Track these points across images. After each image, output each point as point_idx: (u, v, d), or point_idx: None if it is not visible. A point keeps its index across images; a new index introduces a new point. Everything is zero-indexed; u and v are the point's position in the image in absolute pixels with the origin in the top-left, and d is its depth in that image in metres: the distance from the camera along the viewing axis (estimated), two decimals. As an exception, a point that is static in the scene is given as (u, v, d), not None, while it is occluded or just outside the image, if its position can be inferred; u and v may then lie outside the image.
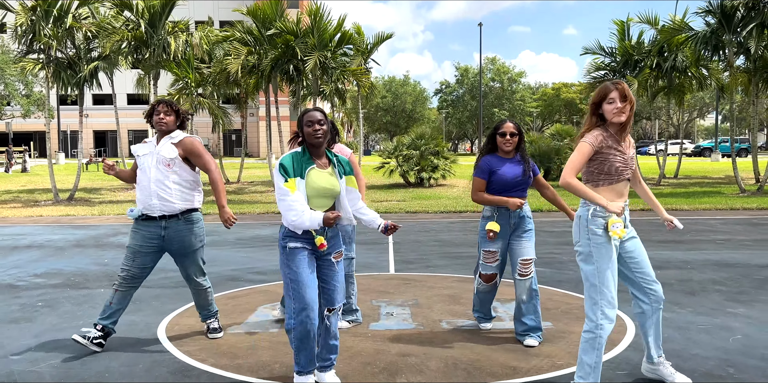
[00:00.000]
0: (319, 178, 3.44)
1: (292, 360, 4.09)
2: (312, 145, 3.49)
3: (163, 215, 4.33)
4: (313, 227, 3.36)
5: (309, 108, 3.55)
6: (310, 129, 3.45)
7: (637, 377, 3.73)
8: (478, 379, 3.74)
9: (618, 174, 3.39)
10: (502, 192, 4.39)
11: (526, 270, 4.40)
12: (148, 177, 4.33)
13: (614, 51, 20.99)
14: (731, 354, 4.12)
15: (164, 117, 4.36)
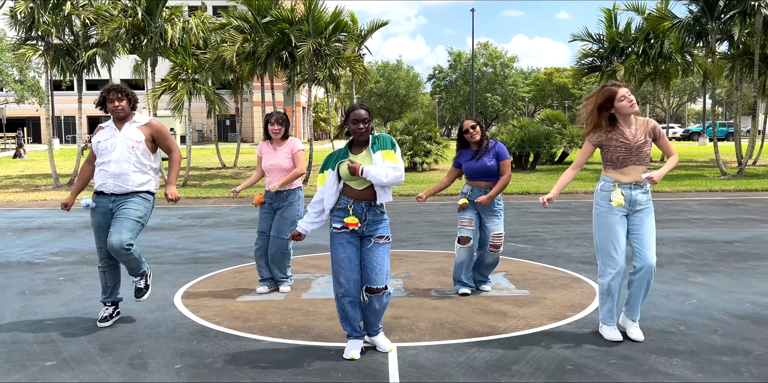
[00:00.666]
0: (346, 164, 3.84)
1: (297, 322, 4.64)
2: (355, 140, 3.94)
3: (113, 193, 4.51)
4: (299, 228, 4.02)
5: (356, 105, 3.89)
6: (355, 126, 3.85)
7: (600, 334, 4.28)
8: (461, 336, 4.29)
9: (620, 162, 4.08)
10: (475, 178, 5.36)
11: (498, 241, 5.33)
12: (110, 159, 4.47)
13: (602, 38, 21.46)
14: (684, 315, 4.68)
15: (118, 104, 4.48)
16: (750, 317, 4.65)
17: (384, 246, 3.93)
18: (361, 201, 3.89)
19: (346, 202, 3.91)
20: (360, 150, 3.95)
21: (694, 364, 3.74)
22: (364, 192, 3.89)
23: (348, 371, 3.71)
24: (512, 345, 4.12)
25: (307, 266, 6.69)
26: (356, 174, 3.78)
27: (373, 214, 3.91)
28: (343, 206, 3.91)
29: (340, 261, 3.87)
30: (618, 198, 4.02)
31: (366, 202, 3.89)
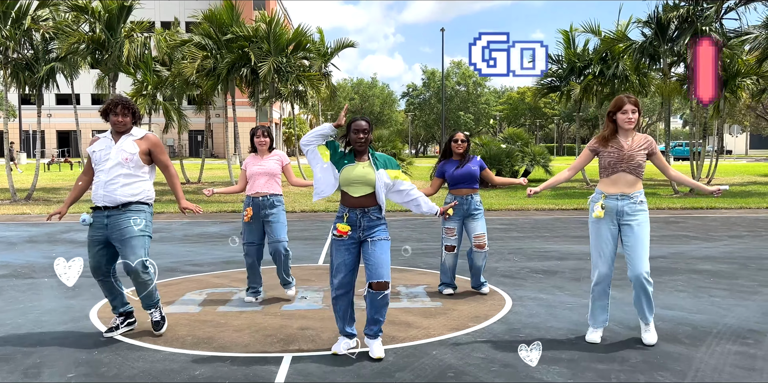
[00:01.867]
0: (352, 170, 4.09)
1: (204, 334, 4.73)
2: (356, 149, 4.15)
3: (105, 206, 4.54)
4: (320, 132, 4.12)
5: (357, 117, 4.12)
6: (356, 136, 4.08)
7: (498, 345, 4.45)
8: (359, 347, 4.42)
9: (611, 167, 4.34)
10: (457, 185, 5.82)
11: (481, 241, 5.82)
12: (104, 169, 4.51)
13: (561, 58, 21.95)
14: (579, 326, 4.87)
15: (122, 119, 4.54)
16: (637, 328, 4.84)
17: (383, 244, 4.15)
18: (356, 208, 4.14)
19: (342, 211, 4.18)
20: (361, 158, 4.18)
21: (569, 371, 3.91)
22: (359, 200, 4.13)
23: (236, 379, 3.82)
24: (404, 354, 4.26)
25: (235, 280, 6.78)
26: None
27: (368, 220, 4.14)
28: (340, 214, 4.18)
29: (337, 265, 4.15)
30: (597, 211, 4.35)
31: (360, 209, 4.13)
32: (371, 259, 4.11)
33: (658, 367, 3.98)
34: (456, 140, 5.91)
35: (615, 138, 4.37)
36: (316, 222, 12.39)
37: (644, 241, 4.35)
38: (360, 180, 4.10)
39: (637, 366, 4.00)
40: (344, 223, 4.09)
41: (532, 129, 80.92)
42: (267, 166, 5.70)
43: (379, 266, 4.09)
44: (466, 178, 5.79)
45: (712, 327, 4.83)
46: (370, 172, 4.11)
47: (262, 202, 5.64)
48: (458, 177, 5.80)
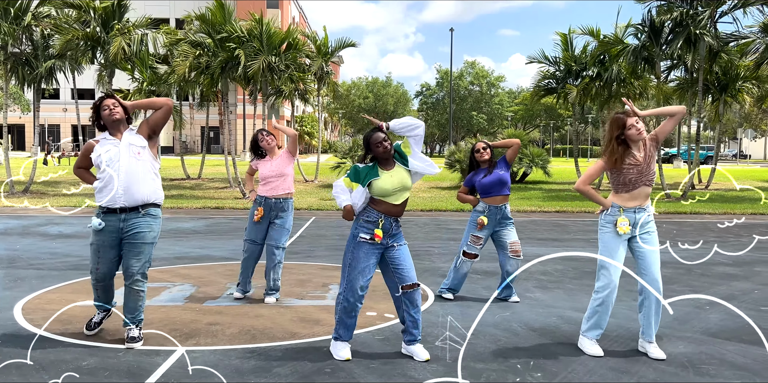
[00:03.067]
0: (385, 182, 4.14)
1: (115, 327, 4.87)
2: (381, 159, 4.22)
3: (123, 207, 4.42)
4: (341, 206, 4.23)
5: (370, 131, 4.23)
6: (378, 149, 4.16)
7: (393, 343, 4.54)
8: (258, 341, 4.54)
9: (632, 184, 4.29)
10: (489, 194, 5.67)
11: (517, 247, 5.75)
12: (117, 168, 4.37)
13: (558, 60, 21.86)
14: (485, 327, 4.93)
15: (114, 108, 4.40)
16: (543, 329, 4.91)
17: (405, 247, 4.32)
18: (390, 216, 4.22)
19: (377, 216, 4.21)
20: (389, 167, 4.22)
21: (445, 369, 3.99)
22: (398, 208, 4.23)
23: (118, 370, 3.95)
24: (296, 350, 4.37)
25: (176, 275, 6.93)
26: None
27: (396, 228, 4.27)
28: (374, 220, 4.20)
29: (360, 269, 4.19)
30: (625, 228, 4.31)
31: (394, 218, 4.25)
32: (399, 264, 4.26)
33: (535, 368, 4.04)
34: (477, 150, 5.77)
35: (629, 153, 4.30)
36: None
37: (658, 249, 4.41)
38: (398, 187, 4.19)
39: (511, 367, 4.07)
40: (380, 229, 4.19)
41: (547, 130, 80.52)
42: (279, 168, 5.77)
43: (409, 269, 4.27)
44: (496, 185, 5.65)
45: (614, 331, 4.88)
46: (405, 175, 4.22)
47: (274, 204, 5.74)
48: (488, 185, 5.65)
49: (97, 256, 4.46)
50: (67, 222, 11.73)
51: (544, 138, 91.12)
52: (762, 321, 5.18)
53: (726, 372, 4.00)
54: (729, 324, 5.10)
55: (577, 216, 13.70)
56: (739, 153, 69.58)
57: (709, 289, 6.45)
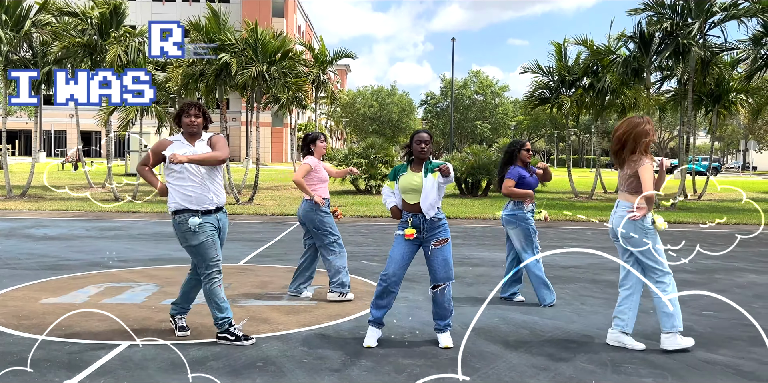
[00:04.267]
0: (404, 179, 4.58)
1: (70, 323, 5.06)
2: (418, 158, 4.58)
3: (217, 207, 4.64)
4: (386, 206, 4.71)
5: (419, 130, 4.61)
6: (418, 146, 4.54)
7: (332, 341, 4.71)
8: (203, 338, 4.72)
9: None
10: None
11: None
12: (200, 174, 4.55)
13: (552, 70, 22.04)
14: (425, 326, 5.09)
15: (195, 119, 4.60)
16: (481, 329, 5.06)
17: (443, 248, 4.59)
18: (417, 213, 4.55)
19: (406, 216, 4.61)
20: (418, 169, 4.60)
21: (373, 364, 4.16)
22: (414, 206, 4.57)
23: (59, 362, 4.14)
24: (234, 346, 4.54)
25: (146, 276, 7.12)
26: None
27: (430, 223, 4.56)
28: (404, 218, 4.62)
29: (394, 256, 4.59)
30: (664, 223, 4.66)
31: (422, 214, 4.55)
32: (433, 265, 4.57)
33: (459, 364, 4.20)
34: (528, 149, 6.00)
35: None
36: (269, 224, 12.71)
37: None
38: (411, 188, 4.55)
39: (440, 362, 4.23)
40: (410, 227, 4.54)
41: (552, 140, 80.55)
42: (326, 175, 6.16)
43: (442, 270, 4.56)
44: (535, 186, 6.00)
45: (549, 332, 5.03)
46: (419, 180, 4.54)
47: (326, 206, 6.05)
48: (534, 184, 5.95)
49: (217, 249, 4.61)
50: (54, 224, 11.97)
51: (550, 148, 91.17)
52: (699, 325, 5.31)
53: (642, 370, 4.15)
54: (665, 327, 5.23)
55: (561, 224, 13.83)
56: (744, 164, 69.43)
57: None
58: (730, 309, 5.91)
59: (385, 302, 4.62)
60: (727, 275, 7.77)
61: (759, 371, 4.17)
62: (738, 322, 5.42)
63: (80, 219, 12.88)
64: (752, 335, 5.01)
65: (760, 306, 6.10)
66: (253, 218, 13.89)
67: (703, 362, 4.34)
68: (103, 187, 21.48)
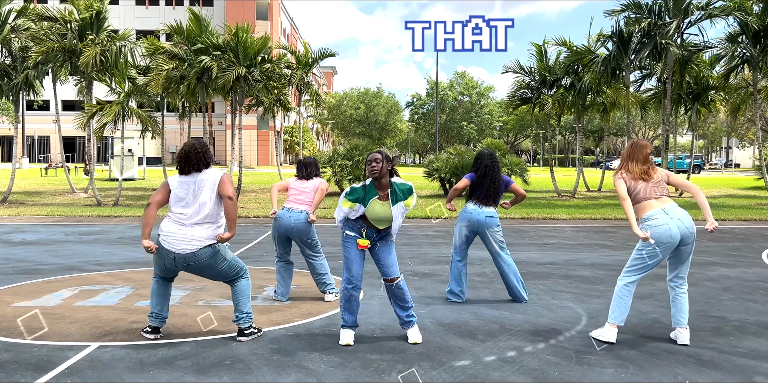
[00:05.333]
0: (378, 209, 4.58)
1: (38, 325, 5.07)
2: (373, 178, 4.60)
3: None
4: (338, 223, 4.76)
5: (374, 150, 4.76)
6: (369, 166, 4.57)
7: (302, 338, 4.74)
8: (174, 338, 4.73)
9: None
10: None
11: None
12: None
13: (533, 71, 22.18)
14: (392, 321, 5.14)
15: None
16: (451, 324, 5.13)
17: (389, 245, 4.72)
18: (373, 229, 4.67)
19: (360, 226, 4.66)
20: (382, 190, 4.61)
21: (341, 360, 4.20)
22: (380, 228, 4.68)
23: (27, 363, 4.15)
24: (204, 345, 4.57)
25: (120, 279, 7.12)
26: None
27: (380, 237, 4.72)
28: (356, 229, 4.66)
29: (351, 257, 4.64)
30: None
31: (377, 231, 4.69)
32: (381, 260, 4.70)
33: (425, 358, 4.26)
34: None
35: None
36: (251, 227, 12.71)
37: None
38: (386, 218, 4.62)
39: (407, 357, 4.28)
40: (364, 238, 4.62)
41: (538, 140, 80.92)
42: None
43: (390, 265, 4.70)
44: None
45: (517, 326, 5.09)
46: (388, 211, 4.60)
47: None
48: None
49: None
50: (34, 229, 11.92)
51: (536, 148, 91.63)
52: (666, 317, 5.39)
53: (606, 361, 4.22)
54: (633, 320, 5.32)
55: (540, 222, 13.93)
56: (727, 162, 70.15)
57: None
58: (697, 301, 6.02)
59: (355, 304, 4.67)
60: (699, 269, 7.88)
61: (717, 359, 4.26)
62: (703, 314, 5.52)
63: (60, 224, 12.83)
64: (715, 326, 5.11)
65: (727, 298, 6.21)
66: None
67: (665, 352, 4.42)
68: (86, 192, 21.36)
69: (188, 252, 4.47)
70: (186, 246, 4.46)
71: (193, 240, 4.47)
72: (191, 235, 4.47)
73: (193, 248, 4.47)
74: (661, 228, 4.53)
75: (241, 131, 21.12)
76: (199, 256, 4.50)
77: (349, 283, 4.63)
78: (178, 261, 4.53)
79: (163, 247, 4.52)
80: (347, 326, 4.68)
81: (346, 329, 4.68)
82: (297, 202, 6.01)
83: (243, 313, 4.68)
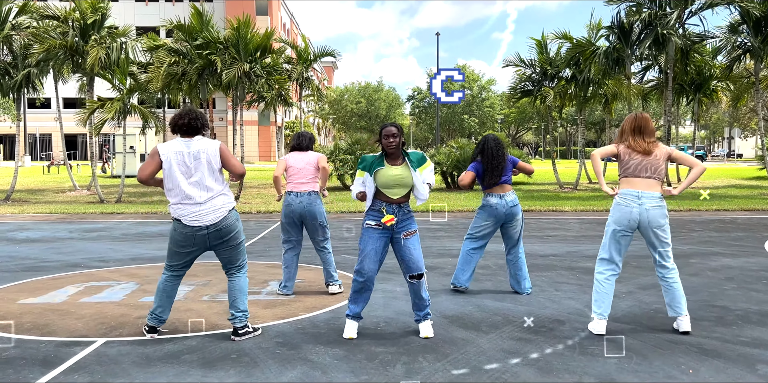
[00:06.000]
0: (385, 174, 4.53)
1: (44, 321, 5.10)
2: (388, 152, 4.57)
3: None
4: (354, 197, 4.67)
5: (387, 123, 4.59)
6: (386, 141, 4.53)
7: (308, 332, 4.76)
8: (179, 332, 4.76)
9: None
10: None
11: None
12: None
13: (534, 63, 22.12)
14: (399, 315, 5.16)
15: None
16: (454, 316, 5.15)
17: (414, 239, 4.66)
18: (392, 204, 4.59)
19: (379, 205, 4.60)
20: (396, 162, 4.60)
21: (345, 353, 4.23)
22: (396, 200, 4.60)
23: (35, 359, 4.18)
24: (210, 340, 4.60)
25: (125, 275, 7.15)
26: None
27: (402, 213, 4.62)
28: (377, 207, 4.60)
29: (367, 251, 4.58)
30: None
31: (397, 205, 4.61)
32: (406, 256, 4.61)
33: (429, 350, 4.28)
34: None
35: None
36: (254, 222, 12.75)
37: None
38: (398, 182, 4.55)
39: (412, 349, 4.30)
40: (387, 215, 4.55)
41: (539, 132, 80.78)
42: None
43: (416, 261, 4.62)
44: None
45: (521, 317, 5.11)
46: (407, 175, 4.56)
47: None
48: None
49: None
50: (37, 227, 11.96)
51: (538, 140, 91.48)
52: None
53: (609, 351, 4.24)
54: (635, 310, 5.34)
55: (543, 215, 13.94)
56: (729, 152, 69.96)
57: (635, 279, 6.67)
58: (700, 291, 6.04)
59: (363, 297, 4.69)
60: (702, 259, 7.89)
61: (720, 349, 4.28)
62: (705, 304, 5.54)
63: (63, 222, 12.87)
64: (718, 315, 5.12)
65: (730, 288, 6.22)
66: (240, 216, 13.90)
67: (668, 342, 4.44)
68: (88, 190, 21.41)
69: (219, 219, 4.49)
70: (213, 216, 4.48)
71: (218, 209, 4.50)
72: (213, 205, 4.49)
73: (221, 215, 4.50)
74: (624, 209, 4.59)
75: (243, 127, 21.13)
76: (229, 219, 4.55)
77: (360, 276, 4.62)
78: (211, 232, 4.49)
79: (189, 227, 4.49)
80: (351, 316, 4.69)
81: (350, 319, 4.69)
82: (300, 184, 5.95)
83: (240, 311, 4.61)
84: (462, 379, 3.76)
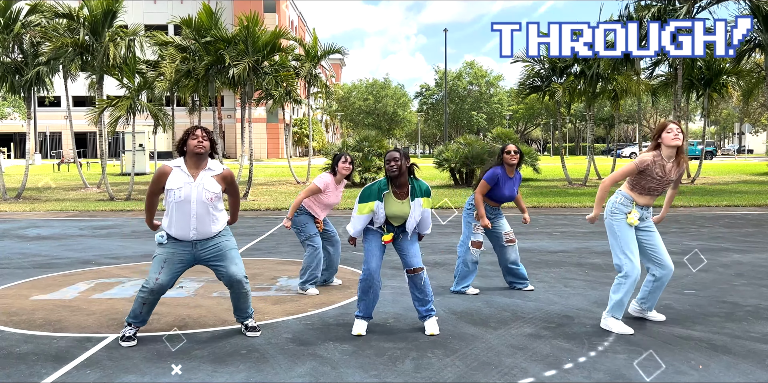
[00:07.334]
0: (391, 206, 4.62)
1: (57, 317, 5.15)
2: (392, 178, 4.61)
3: (194, 240, 4.47)
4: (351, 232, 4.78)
5: (392, 149, 4.72)
6: (388, 165, 4.57)
7: (317, 328, 4.78)
8: (190, 328, 4.80)
9: (648, 190, 4.62)
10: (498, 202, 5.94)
11: (512, 236, 6.00)
12: (188, 210, 4.37)
13: (542, 59, 22.03)
14: (408, 311, 5.18)
15: (203, 141, 4.37)
16: (463, 312, 5.16)
17: (412, 236, 4.76)
18: (392, 225, 4.73)
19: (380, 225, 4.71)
20: (402, 191, 4.65)
21: (355, 349, 4.25)
22: (398, 224, 4.73)
23: (47, 355, 4.22)
24: (220, 335, 4.63)
25: (136, 271, 7.20)
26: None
27: (400, 230, 4.75)
28: (378, 226, 4.71)
29: (370, 250, 4.69)
30: (635, 220, 4.62)
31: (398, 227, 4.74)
32: (405, 251, 4.72)
33: (438, 345, 4.30)
34: (508, 152, 5.79)
35: (660, 162, 4.56)
36: (262, 219, 12.79)
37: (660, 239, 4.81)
38: (402, 216, 4.66)
39: (420, 345, 4.32)
40: (387, 234, 4.68)
41: (548, 129, 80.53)
42: (336, 200, 6.21)
43: (413, 255, 4.71)
44: (506, 200, 5.91)
45: (529, 313, 5.11)
46: (405, 209, 4.64)
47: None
48: (504, 198, 5.87)
49: (164, 267, 4.40)
50: (48, 224, 12.05)
51: (546, 136, 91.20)
52: (678, 303, 5.40)
53: (618, 347, 4.24)
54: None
55: (552, 211, 13.91)
56: (740, 148, 69.48)
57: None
58: (710, 287, 6.02)
59: (373, 296, 4.69)
60: (712, 255, 7.86)
61: (730, 344, 4.27)
62: (716, 300, 5.52)
63: (74, 219, 12.96)
64: (728, 311, 5.11)
65: (740, 284, 6.19)
66: (247, 213, 13.97)
67: (678, 338, 4.43)
68: (98, 187, 21.54)
69: (212, 235, 4.47)
70: (205, 230, 4.43)
71: (210, 225, 4.46)
72: (204, 223, 4.42)
73: (214, 230, 4.47)
74: (628, 219, 4.60)
75: (251, 124, 21.18)
76: (222, 233, 4.54)
77: (368, 275, 4.65)
78: (197, 245, 4.43)
79: (178, 241, 4.46)
80: (360, 316, 4.71)
81: (359, 319, 4.71)
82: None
83: (249, 313, 4.69)
84: (471, 375, 3.77)
